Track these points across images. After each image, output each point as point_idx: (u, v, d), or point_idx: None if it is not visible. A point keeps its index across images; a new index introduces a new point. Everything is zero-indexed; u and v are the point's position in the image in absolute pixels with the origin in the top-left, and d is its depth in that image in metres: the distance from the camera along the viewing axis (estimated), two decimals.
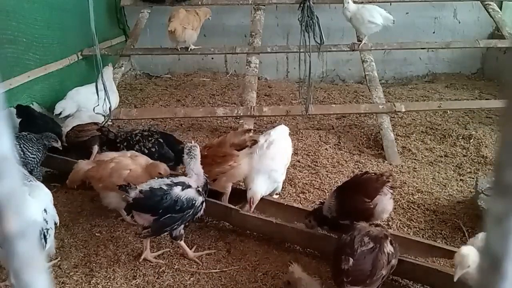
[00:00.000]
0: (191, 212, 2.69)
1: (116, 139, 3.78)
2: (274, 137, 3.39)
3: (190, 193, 2.67)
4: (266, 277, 2.70)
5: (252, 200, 3.07)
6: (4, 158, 0.41)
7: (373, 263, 2.21)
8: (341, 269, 2.18)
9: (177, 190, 2.65)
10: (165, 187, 2.64)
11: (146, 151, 3.61)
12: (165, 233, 2.83)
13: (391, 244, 2.31)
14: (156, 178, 2.81)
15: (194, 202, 2.67)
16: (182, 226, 2.75)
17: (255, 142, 3.13)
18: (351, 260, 2.19)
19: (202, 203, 2.74)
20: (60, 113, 4.24)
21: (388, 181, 2.65)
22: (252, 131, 3.22)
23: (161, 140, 3.65)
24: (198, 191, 2.71)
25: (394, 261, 2.31)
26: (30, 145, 3.31)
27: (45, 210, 2.43)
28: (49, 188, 3.57)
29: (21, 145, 3.25)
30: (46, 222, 2.41)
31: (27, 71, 4.36)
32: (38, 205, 2.40)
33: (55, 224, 2.56)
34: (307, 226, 2.86)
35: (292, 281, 2.30)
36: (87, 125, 3.90)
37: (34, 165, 3.30)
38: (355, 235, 2.31)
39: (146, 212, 2.67)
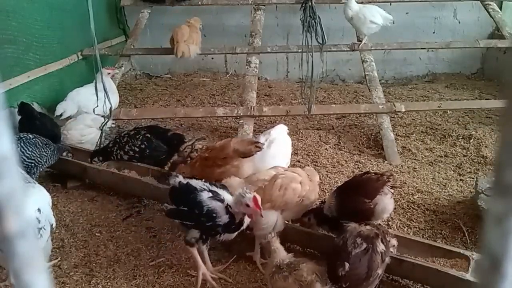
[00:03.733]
0: (210, 224, 2.49)
1: (108, 145, 3.82)
2: (274, 136, 3.39)
3: (216, 205, 2.48)
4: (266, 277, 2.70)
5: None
6: (4, 158, 0.41)
7: (368, 265, 2.21)
8: (338, 275, 2.18)
9: (205, 195, 2.51)
10: (198, 188, 2.55)
11: (137, 149, 3.65)
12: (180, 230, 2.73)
13: (382, 242, 2.31)
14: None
15: (214, 215, 2.47)
16: (196, 233, 2.59)
17: (260, 149, 3.01)
18: (347, 265, 2.18)
19: (226, 225, 2.49)
20: (61, 115, 4.25)
21: (389, 181, 2.64)
22: (259, 142, 3.06)
23: (149, 135, 3.68)
24: (227, 209, 2.47)
25: (387, 259, 2.32)
26: (31, 148, 3.29)
27: (38, 209, 2.41)
28: (49, 188, 3.62)
29: (20, 148, 3.24)
30: (39, 220, 2.39)
31: (27, 71, 4.36)
32: (31, 203, 2.39)
33: (51, 226, 2.54)
34: (305, 225, 2.86)
35: (267, 248, 2.42)
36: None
37: (32, 168, 3.27)
38: (347, 237, 2.31)
39: (173, 202, 2.63)
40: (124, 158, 3.70)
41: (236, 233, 2.55)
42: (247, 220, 2.51)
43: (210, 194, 2.52)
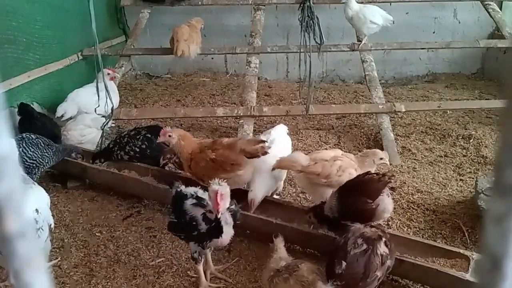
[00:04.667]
0: (195, 233, 2.40)
1: (108, 146, 3.84)
2: (275, 136, 3.39)
3: (196, 213, 2.39)
4: None
5: (253, 202, 3.07)
6: (4, 158, 0.41)
7: (365, 266, 2.20)
8: (334, 273, 2.18)
9: (188, 202, 2.44)
10: (188, 195, 2.47)
11: (138, 150, 3.67)
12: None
13: (386, 245, 2.30)
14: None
15: (195, 223, 2.38)
16: (194, 245, 2.51)
17: (266, 153, 2.98)
18: (343, 263, 2.19)
19: (208, 232, 2.38)
20: (62, 116, 4.25)
21: (390, 182, 2.64)
22: (265, 142, 3.05)
23: (149, 135, 3.69)
24: (205, 215, 2.36)
25: (389, 262, 2.30)
26: (32, 149, 3.28)
27: (36, 210, 2.39)
28: (49, 188, 3.62)
29: (22, 148, 3.24)
30: (36, 221, 2.37)
31: (27, 71, 4.36)
32: (29, 204, 2.38)
33: (50, 226, 2.52)
34: (308, 223, 2.87)
35: (271, 250, 2.46)
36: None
37: (33, 168, 3.27)
38: (349, 237, 2.31)
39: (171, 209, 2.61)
40: (124, 158, 3.71)
41: (223, 235, 2.38)
42: (224, 216, 2.36)
43: (194, 201, 2.41)
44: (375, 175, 2.70)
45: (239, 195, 3.24)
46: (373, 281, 2.23)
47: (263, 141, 3.04)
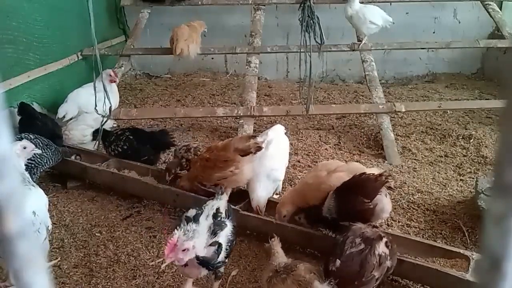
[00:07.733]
0: None
1: (110, 133, 3.94)
2: (272, 136, 3.39)
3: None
4: None
5: (258, 208, 3.09)
6: (4, 158, 0.41)
7: (361, 264, 2.20)
8: (328, 270, 2.19)
9: (189, 213, 2.31)
10: (203, 207, 2.33)
11: (120, 150, 3.76)
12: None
13: (386, 246, 2.30)
14: None
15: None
16: None
17: (259, 148, 2.99)
18: (338, 261, 2.19)
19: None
20: (64, 117, 4.26)
21: (387, 181, 2.63)
22: (256, 137, 3.04)
23: (131, 137, 3.76)
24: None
25: (389, 263, 2.29)
26: None
27: (33, 212, 2.37)
28: (49, 188, 3.62)
29: None
30: (33, 224, 2.34)
31: (27, 71, 4.36)
32: (26, 206, 2.35)
33: (47, 228, 2.51)
34: (297, 222, 2.88)
35: (268, 251, 2.46)
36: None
37: (32, 169, 3.25)
38: (348, 236, 2.31)
39: None
40: (112, 155, 3.83)
41: (185, 269, 2.23)
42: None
43: (194, 213, 2.27)
44: (371, 174, 2.69)
45: (240, 195, 3.26)
46: (370, 281, 2.22)
47: (255, 137, 3.04)
